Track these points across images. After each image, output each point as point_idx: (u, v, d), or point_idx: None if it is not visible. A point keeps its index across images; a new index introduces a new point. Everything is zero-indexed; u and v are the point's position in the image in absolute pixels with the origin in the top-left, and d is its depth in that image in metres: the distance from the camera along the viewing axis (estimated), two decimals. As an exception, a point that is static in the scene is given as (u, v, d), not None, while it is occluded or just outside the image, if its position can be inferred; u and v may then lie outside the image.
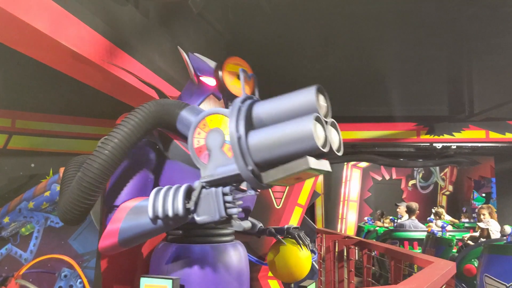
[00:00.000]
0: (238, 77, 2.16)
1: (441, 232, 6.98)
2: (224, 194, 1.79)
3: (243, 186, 1.86)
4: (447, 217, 10.56)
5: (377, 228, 10.10)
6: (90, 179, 1.94)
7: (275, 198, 6.15)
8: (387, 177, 15.09)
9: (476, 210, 8.48)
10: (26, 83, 5.33)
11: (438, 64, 6.19)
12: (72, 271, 6.04)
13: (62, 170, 6.16)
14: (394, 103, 6.25)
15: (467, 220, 11.91)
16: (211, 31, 5.41)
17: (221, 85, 2.22)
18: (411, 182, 15.45)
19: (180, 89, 2.51)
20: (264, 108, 1.78)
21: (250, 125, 1.77)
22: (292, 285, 2.74)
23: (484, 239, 6.28)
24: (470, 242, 6.59)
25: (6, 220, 5.99)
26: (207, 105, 2.33)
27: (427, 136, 6.59)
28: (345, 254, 5.15)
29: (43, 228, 6.14)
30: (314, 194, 7.24)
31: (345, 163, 13.16)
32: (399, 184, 15.51)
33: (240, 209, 1.82)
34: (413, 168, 14.34)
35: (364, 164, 13.83)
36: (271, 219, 4.54)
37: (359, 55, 6.17)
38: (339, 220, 13.42)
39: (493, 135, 6.53)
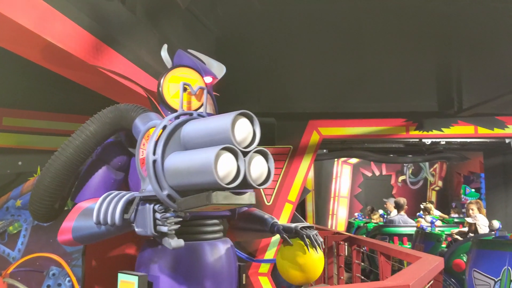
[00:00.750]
0: (185, 90, 2.13)
1: (430, 228, 7.02)
2: (155, 211, 1.79)
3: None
4: (436, 212, 10.64)
5: (366, 224, 10.15)
6: (47, 182, 2.07)
7: (265, 194, 6.16)
8: (377, 173, 15.16)
9: (465, 205, 8.54)
10: (13, 80, 5.28)
11: (427, 60, 6.20)
12: (61, 270, 6.00)
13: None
14: (383, 99, 6.25)
15: (456, 215, 12.00)
16: (200, 26, 5.38)
17: (160, 96, 2.19)
18: (401, 178, 15.55)
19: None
20: (187, 130, 1.77)
21: (176, 145, 1.76)
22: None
23: (473, 234, 6.33)
24: (458, 237, 6.65)
25: (-7, 218, 5.94)
26: None
27: (416, 132, 6.58)
28: (334, 250, 5.17)
29: (31, 226, 6.09)
30: (304, 191, 7.26)
31: (336, 160, 13.19)
32: (389, 180, 15.59)
33: (173, 227, 1.79)
34: (403, 163, 14.41)
35: (354, 160, 13.88)
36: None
37: (348, 51, 6.17)
38: (330, 216, 13.46)
39: (482, 130, 6.55)
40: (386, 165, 14.98)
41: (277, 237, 2.48)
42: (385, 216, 9.55)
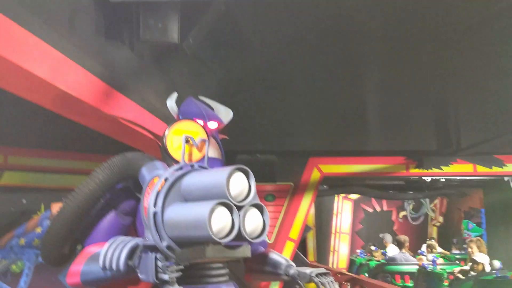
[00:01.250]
0: (187, 142, 2.21)
1: (432, 266, 7.02)
2: (157, 260, 1.87)
3: None
4: (438, 249, 10.60)
5: (369, 261, 10.10)
6: (58, 228, 2.16)
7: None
8: (378, 209, 15.14)
9: (466, 242, 8.54)
10: (17, 118, 5.37)
11: (425, 100, 6.32)
12: (63, 309, 5.98)
13: (54, 205, 6.16)
14: (383, 138, 6.36)
15: (458, 251, 11.94)
16: (204, 69, 5.52)
17: (164, 148, 2.25)
18: (402, 214, 15.50)
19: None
20: (187, 182, 1.88)
21: (177, 196, 1.86)
22: None
23: (475, 273, 6.33)
24: (460, 276, 6.64)
25: (-4, 257, 5.95)
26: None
27: (416, 170, 6.68)
28: (337, 289, 5.16)
29: (34, 265, 6.10)
30: (305, 228, 7.28)
31: (336, 195, 13.20)
32: (390, 215, 15.55)
33: (173, 275, 1.84)
34: (404, 200, 14.41)
35: (355, 196, 13.88)
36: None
37: (348, 90, 6.29)
38: (331, 253, 13.37)
39: (481, 168, 6.65)
40: (387, 201, 14.97)
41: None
42: (387, 253, 9.52)
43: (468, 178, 7.47)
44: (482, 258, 6.60)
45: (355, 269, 10.43)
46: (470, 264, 6.70)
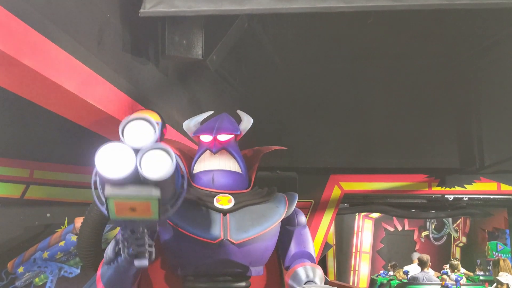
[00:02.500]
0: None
1: (455, 286, 6.89)
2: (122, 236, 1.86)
3: None
4: (461, 270, 10.40)
5: (390, 280, 9.95)
6: (88, 232, 2.34)
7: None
8: (400, 228, 14.94)
9: (492, 262, 8.37)
10: (43, 133, 5.49)
11: (448, 117, 6.29)
12: (84, 322, 6.02)
13: (77, 220, 6.26)
14: (405, 155, 6.31)
15: (482, 272, 11.69)
16: (226, 86, 5.61)
17: None
18: (424, 233, 15.27)
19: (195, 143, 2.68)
20: None
21: None
22: None
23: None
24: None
25: (20, 270, 6.05)
26: (202, 160, 2.51)
27: (439, 188, 6.61)
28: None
29: (57, 278, 6.18)
30: (326, 246, 7.23)
31: (357, 214, 13.10)
32: (412, 235, 15.32)
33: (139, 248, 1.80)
34: (426, 219, 14.20)
35: (376, 215, 13.74)
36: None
37: (370, 107, 6.31)
38: (352, 272, 13.22)
39: (505, 187, 6.55)
40: (408, 220, 14.76)
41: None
42: (408, 272, 9.37)
43: (492, 197, 7.34)
44: (506, 278, 6.47)
45: (376, 288, 10.29)
46: (494, 285, 6.56)
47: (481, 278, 10.18)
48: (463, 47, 5.95)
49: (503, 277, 6.45)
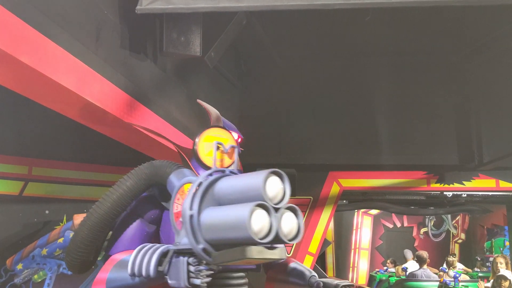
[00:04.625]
0: (218, 149, 2.24)
1: (453, 283, 6.90)
2: (189, 264, 1.87)
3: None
4: (460, 266, 10.41)
5: (389, 277, 9.97)
6: (84, 235, 2.18)
7: (285, 246, 6.17)
8: (399, 225, 14.95)
9: (492, 259, 8.38)
10: (41, 131, 5.49)
11: (446, 114, 6.29)
12: (83, 319, 6.04)
13: (76, 216, 6.24)
14: (403, 152, 6.31)
15: (479, 269, 11.70)
16: (225, 83, 5.61)
17: (195, 154, 2.27)
18: (422, 230, 15.28)
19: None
20: (221, 186, 1.87)
21: (211, 201, 1.85)
22: None
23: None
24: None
25: (19, 267, 6.05)
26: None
27: (437, 185, 6.61)
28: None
29: (56, 275, 6.18)
30: (325, 242, 7.24)
31: (356, 210, 13.10)
32: (411, 232, 15.34)
33: (205, 280, 1.87)
34: (425, 216, 14.22)
35: (375, 211, 13.75)
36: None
37: (368, 104, 6.31)
38: (350, 269, 13.23)
39: (504, 184, 6.54)
40: (407, 217, 14.77)
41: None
42: (407, 269, 9.38)
43: (491, 193, 7.35)
44: (508, 274, 6.47)
45: (375, 285, 10.31)
46: (492, 280, 6.56)
47: (480, 274, 10.19)
48: (461, 44, 5.95)
49: (506, 273, 6.45)
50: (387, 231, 14.81)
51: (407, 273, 9.03)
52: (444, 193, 7.11)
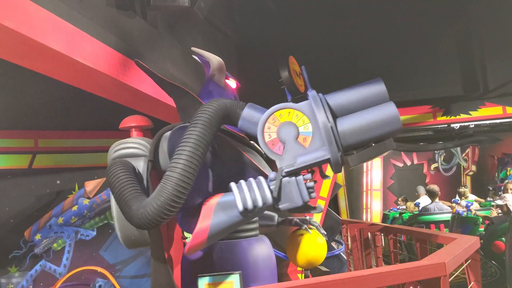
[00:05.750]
0: (297, 74, 2.27)
1: (466, 212, 6.96)
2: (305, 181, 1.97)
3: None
4: (472, 197, 10.48)
5: (402, 214, 10.08)
6: (181, 177, 1.89)
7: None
8: (409, 163, 15.01)
9: (504, 183, 8.41)
10: (43, 102, 5.47)
11: (449, 43, 6.17)
12: (106, 281, 6.20)
13: (87, 183, 6.29)
14: (408, 88, 6.24)
15: (492, 199, 11.77)
16: (219, 35, 5.49)
17: (290, 81, 2.21)
18: (433, 166, 15.33)
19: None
20: (338, 99, 2.07)
21: (333, 115, 2.01)
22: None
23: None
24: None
25: (37, 237, 6.18)
26: None
27: (444, 118, 6.56)
28: (371, 242, 5.19)
29: (74, 242, 6.32)
30: (335, 186, 7.27)
31: (365, 153, 13.07)
32: (422, 168, 15.40)
33: (313, 195, 1.99)
34: (434, 151, 14.22)
35: (384, 152, 13.74)
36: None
37: (369, 42, 6.19)
38: (364, 210, 13.39)
39: (511, 110, 6.48)
40: (417, 154, 14.80)
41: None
42: (419, 204, 9.46)
43: (498, 121, 7.28)
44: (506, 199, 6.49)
45: (389, 223, 10.43)
46: (497, 207, 6.61)
47: (493, 203, 10.26)
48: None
49: (499, 200, 6.49)
50: (398, 170, 14.88)
51: (420, 208, 9.11)
52: (452, 125, 7.05)
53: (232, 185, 2.01)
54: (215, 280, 2.07)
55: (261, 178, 1.99)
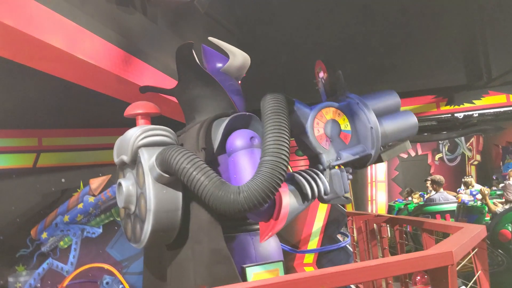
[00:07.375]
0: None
1: (472, 201, 6.94)
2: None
3: None
4: (477, 186, 10.44)
5: (407, 205, 10.06)
6: (285, 157, 1.99)
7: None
8: (413, 154, 14.95)
9: (508, 171, 8.38)
10: (47, 101, 5.46)
11: (452, 32, 6.13)
12: (113, 278, 6.23)
13: (92, 181, 6.28)
14: (411, 78, 6.22)
15: (497, 188, 11.72)
16: (220, 29, 5.47)
17: (342, 83, 2.51)
18: (437, 156, 15.26)
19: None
20: (374, 105, 2.34)
21: None
22: None
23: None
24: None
25: (44, 235, 6.21)
26: None
27: (447, 107, 6.54)
28: (377, 233, 5.18)
29: (81, 240, 6.35)
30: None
31: (369, 144, 13.04)
32: (426, 159, 15.33)
33: None
34: (438, 141, 14.16)
35: (387, 143, 13.70)
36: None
37: (372, 32, 6.16)
38: (369, 202, 13.37)
39: (515, 98, 6.46)
40: (421, 145, 14.73)
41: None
42: (425, 195, 9.43)
43: (502, 109, 7.25)
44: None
45: (394, 214, 10.40)
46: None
47: (498, 193, 10.22)
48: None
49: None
50: (402, 161, 14.82)
51: (425, 198, 9.08)
52: (455, 115, 7.03)
53: (297, 177, 2.15)
54: (262, 269, 2.19)
55: (317, 171, 2.19)
